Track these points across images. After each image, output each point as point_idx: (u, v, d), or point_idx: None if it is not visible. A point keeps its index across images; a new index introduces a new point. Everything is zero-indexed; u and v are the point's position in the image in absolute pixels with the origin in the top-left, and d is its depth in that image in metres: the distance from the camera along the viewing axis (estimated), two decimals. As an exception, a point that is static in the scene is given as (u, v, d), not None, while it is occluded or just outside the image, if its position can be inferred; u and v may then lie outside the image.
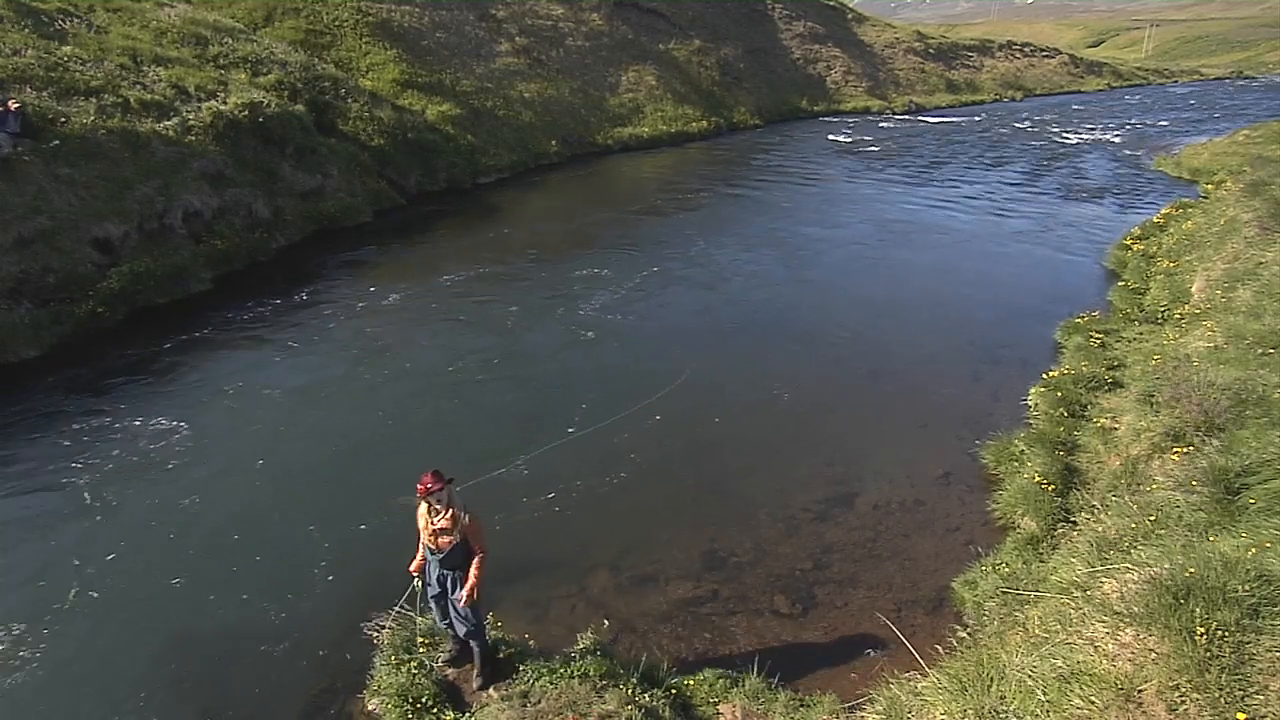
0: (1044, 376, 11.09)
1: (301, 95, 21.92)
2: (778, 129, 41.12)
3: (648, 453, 9.51)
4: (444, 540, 5.64)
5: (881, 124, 44.49)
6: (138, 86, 17.78)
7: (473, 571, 5.67)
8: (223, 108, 18.37)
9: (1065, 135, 39.77)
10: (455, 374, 11.79)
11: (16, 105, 14.25)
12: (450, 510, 5.60)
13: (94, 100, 16.28)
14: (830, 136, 38.24)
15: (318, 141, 20.62)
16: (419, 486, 5.51)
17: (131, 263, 14.28)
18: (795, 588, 7.27)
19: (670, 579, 7.34)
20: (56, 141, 14.64)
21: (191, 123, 17.50)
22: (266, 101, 19.64)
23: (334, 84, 23.70)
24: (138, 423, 10.21)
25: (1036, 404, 10.55)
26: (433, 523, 5.65)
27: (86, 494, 8.66)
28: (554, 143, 29.94)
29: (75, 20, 19.27)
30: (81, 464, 9.24)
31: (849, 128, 42.00)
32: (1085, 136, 39.28)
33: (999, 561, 7.44)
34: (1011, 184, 26.91)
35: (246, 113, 18.66)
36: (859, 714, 5.45)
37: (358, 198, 20.61)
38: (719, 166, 30.66)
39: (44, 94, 15.64)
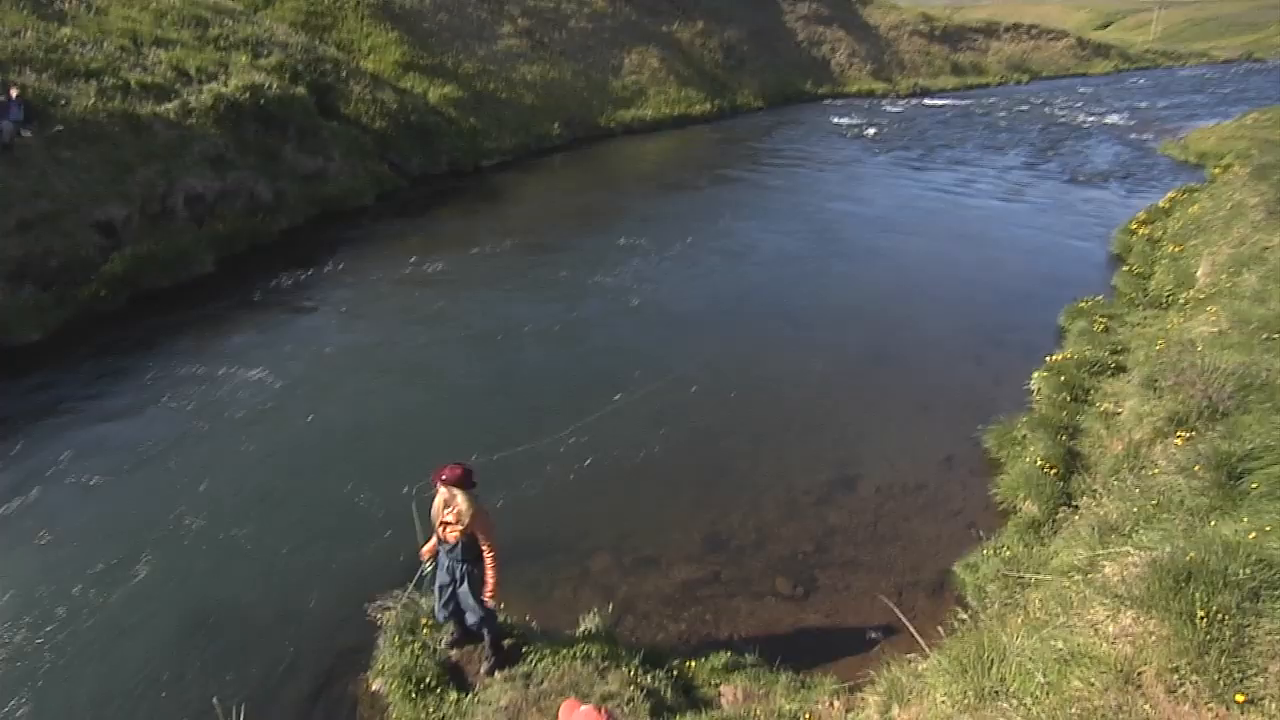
0: (1046, 361, 11.08)
1: (303, 77, 21.78)
2: (781, 112, 40.83)
3: (648, 435, 9.53)
4: (451, 535, 5.66)
5: (886, 107, 44.15)
6: (138, 69, 17.67)
7: (489, 575, 5.65)
8: (224, 90, 18.26)
9: (1071, 118, 39.44)
10: (462, 349, 11.92)
11: (18, 93, 14.17)
12: (458, 507, 5.61)
13: (94, 83, 16.18)
14: (834, 119, 37.96)
15: (319, 124, 20.53)
16: (435, 475, 5.52)
17: (134, 246, 14.27)
18: (797, 570, 7.31)
19: (672, 561, 7.39)
20: (59, 127, 14.58)
21: (192, 105, 17.41)
22: (268, 84, 19.53)
23: (335, 66, 23.56)
24: (145, 401, 10.30)
25: (1039, 388, 10.54)
26: (444, 515, 5.67)
27: (96, 474, 8.73)
28: (556, 125, 29.76)
29: (74, 1, 19.13)
30: (86, 443, 9.29)
31: (853, 111, 41.69)
32: (1091, 120, 38.96)
33: (1000, 545, 7.47)
34: (1016, 168, 26.74)
35: (248, 95, 18.56)
36: (859, 695, 5.49)
37: (360, 181, 20.53)
38: (722, 150, 30.50)
39: (44, 76, 15.56)
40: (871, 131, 34.21)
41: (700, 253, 16.81)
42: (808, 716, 5.39)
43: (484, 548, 5.65)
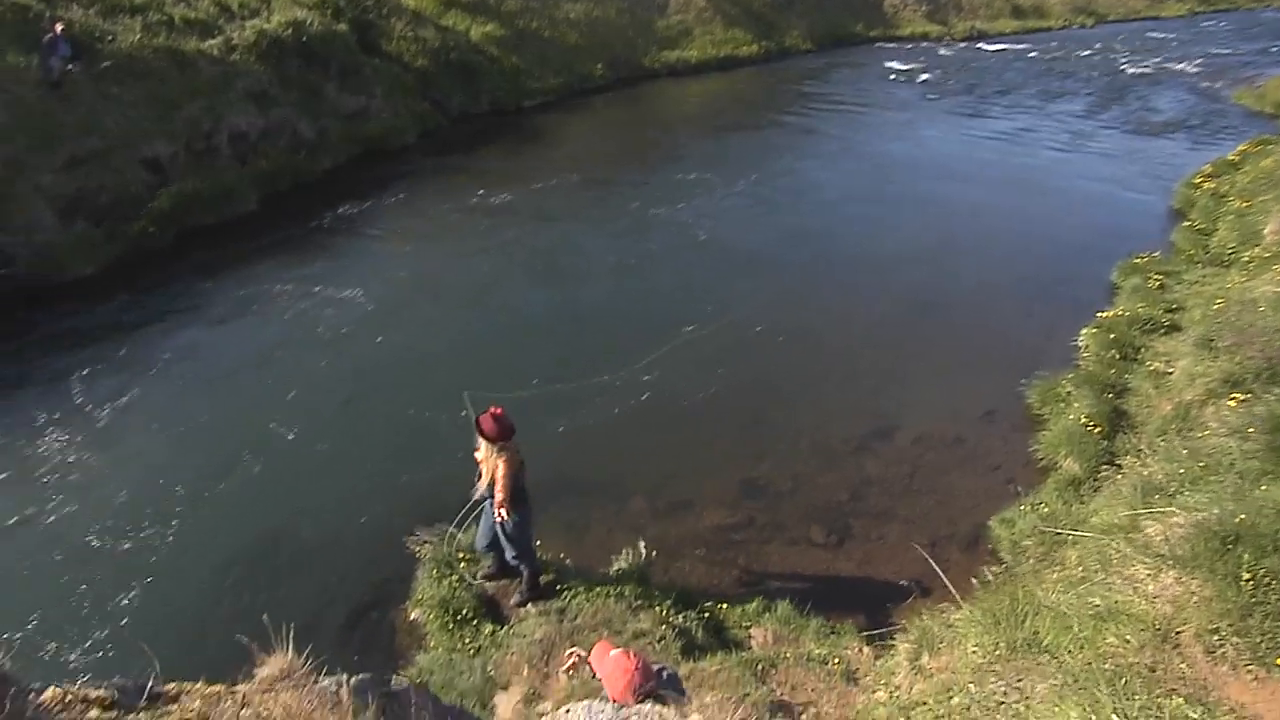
0: (1097, 317, 10.76)
1: (344, 14, 21.52)
2: (831, 54, 39.38)
3: (692, 380, 9.54)
4: (482, 478, 5.77)
5: (940, 51, 42.31)
6: (182, 3, 17.62)
7: (495, 506, 5.75)
8: (266, 26, 18.16)
9: (1138, 65, 37.41)
10: (486, 295, 12.01)
11: (64, 28, 14.24)
12: (483, 451, 5.67)
13: (139, 18, 16.18)
14: (886, 63, 36.54)
15: (361, 61, 20.38)
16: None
17: (180, 183, 14.46)
18: (831, 518, 7.33)
19: (707, 505, 7.46)
20: (106, 63, 14.69)
21: (235, 41, 17.37)
22: (310, 20, 19.35)
23: (376, 3, 23.21)
24: (211, 326, 10.77)
25: (1087, 345, 10.28)
26: (476, 457, 5.78)
27: (156, 403, 9.11)
28: (600, 66, 29.09)
29: (118, -65, 19.03)
30: (144, 375, 9.65)
31: (906, 54, 40.04)
32: (1160, 67, 36.90)
33: (1038, 501, 7.39)
34: (1076, 116, 25.56)
35: (290, 31, 18.44)
36: (889, 642, 5.54)
37: (401, 119, 20.41)
38: (770, 93, 29.64)
39: (90, 11, 15.61)
40: (926, 76, 32.88)
41: (750, 196, 16.51)
42: (837, 661, 5.46)
43: (497, 489, 5.70)
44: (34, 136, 12.88)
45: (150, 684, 2.31)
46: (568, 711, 1.66)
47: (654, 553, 6.72)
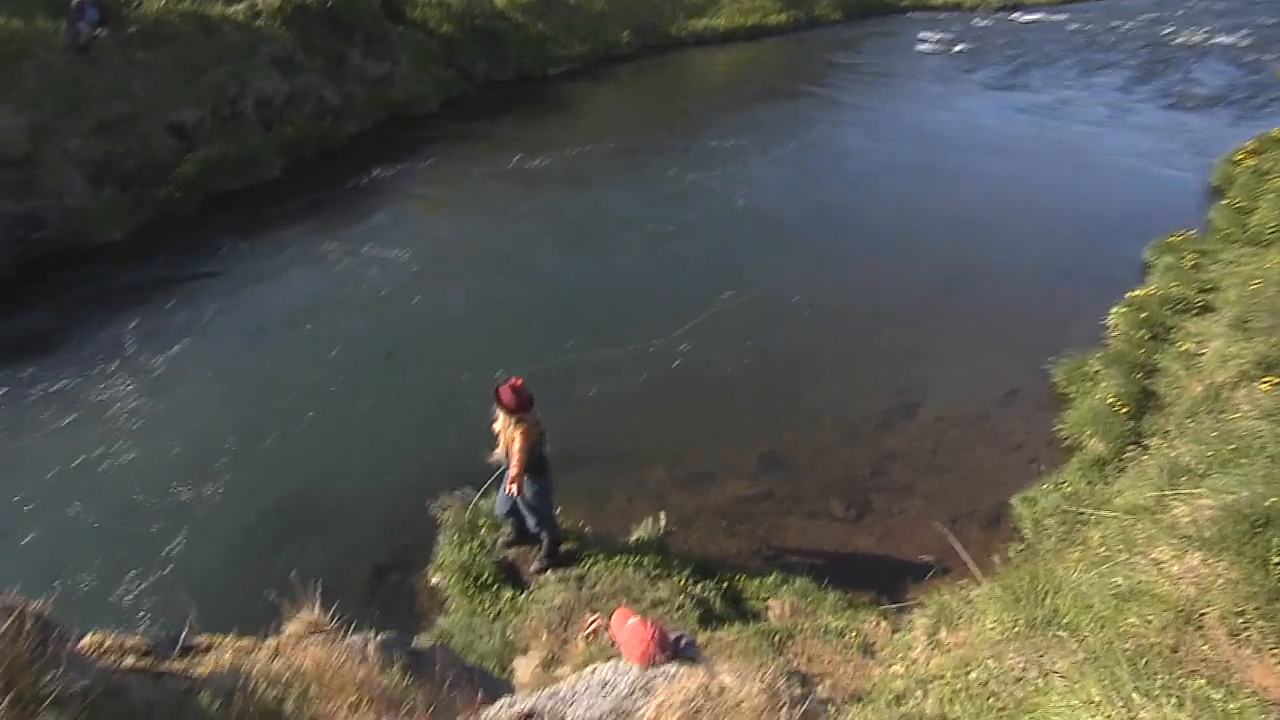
0: (1127, 296, 10.55)
1: (369, -21, 21.36)
2: (861, 24, 38.52)
3: (717, 351, 9.53)
4: (498, 446, 5.80)
5: (975, 21, 41.19)
6: (208, -32, 17.57)
7: (509, 478, 5.79)
8: (290, -10, 18.08)
9: (1181, 36, 36.21)
10: (520, 260, 12.06)
11: (89, -9, 14.25)
12: (501, 421, 5.69)
13: (165, -19, 16.19)
14: (918, 34, 35.69)
15: (386, 28, 20.26)
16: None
17: (206, 148, 14.54)
18: (851, 493, 7.32)
19: (727, 477, 7.48)
20: (134, 28, 14.71)
21: (260, 7, 17.32)
22: (334, -15, 19.23)
23: (401, -33, 23.01)
24: (242, 291, 11.02)
25: (1116, 324, 10.09)
26: (494, 428, 5.81)
27: (195, 361, 9.38)
28: (626, 33, 28.70)
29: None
30: (191, 329, 10.04)
31: (939, 24, 39.06)
32: (1204, 38, 35.69)
33: (1061, 480, 7.32)
34: (1113, 90, 24.86)
35: (314, -4, 18.36)
36: (907, 616, 5.54)
37: (426, 86, 20.33)
38: (798, 64, 29.10)
39: (117, -26, 15.61)
40: (960, 47, 32.11)
41: (780, 168, 16.36)
42: (854, 634, 5.48)
43: (512, 462, 5.73)
44: (62, 101, 12.98)
45: (184, 635, 2.37)
46: (594, 670, 1.68)
47: (673, 523, 6.76)
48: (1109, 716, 3.37)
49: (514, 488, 5.72)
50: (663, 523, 6.61)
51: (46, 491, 7.32)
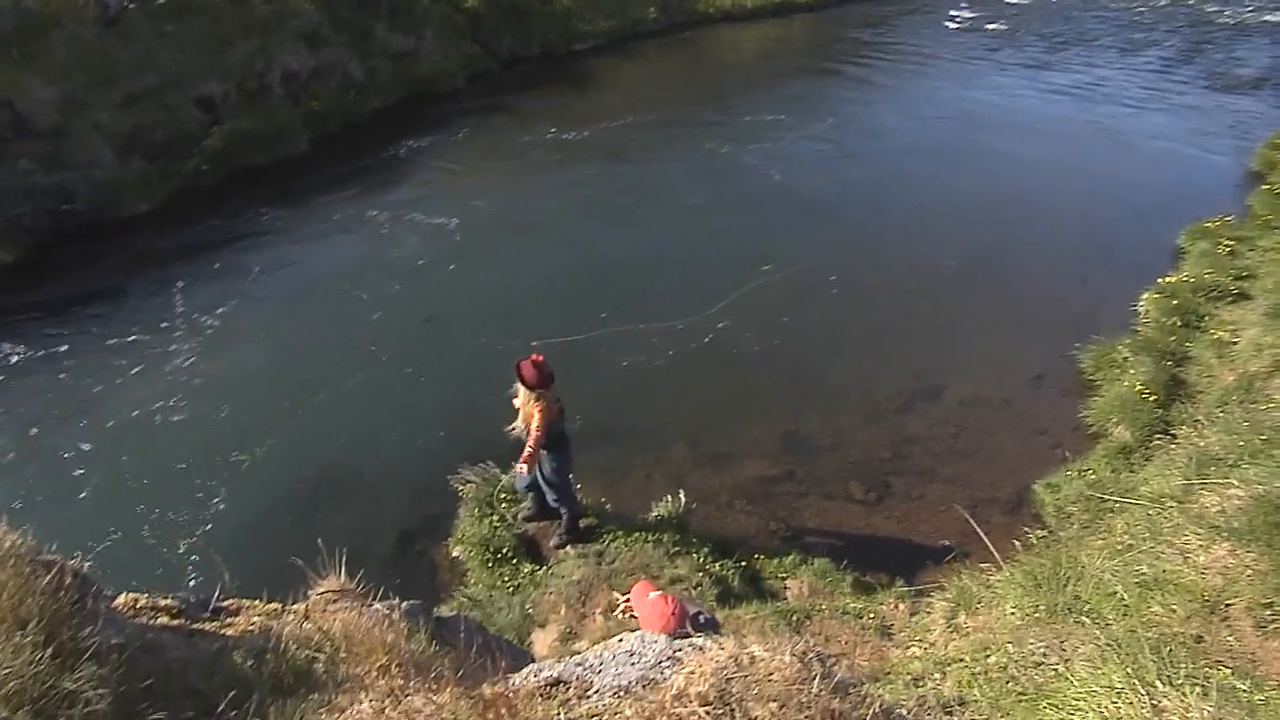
0: (1160, 281, 10.35)
1: (395, -48, 21.25)
2: (891, 1, 37.77)
3: (738, 330, 9.50)
4: (519, 424, 5.82)
5: (1009, -2, 40.22)
6: (235, -61, 17.57)
7: (524, 454, 5.74)
8: (317, -36, 18.03)
9: (1225, 14, 35.14)
10: (553, 234, 12.19)
11: (119, -38, 14.32)
12: (521, 397, 5.70)
13: (194, -47, 16.21)
14: (952, 11, 34.93)
15: (412, 2, 20.19)
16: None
17: (232, 122, 14.62)
18: (872, 475, 7.29)
19: (747, 457, 7.48)
20: (162, 0, 14.76)
21: (287, -22, 17.31)
22: (360, -42, 19.16)
23: (427, -59, 22.87)
24: (284, 256, 11.36)
25: (1147, 310, 9.92)
26: (514, 404, 5.82)
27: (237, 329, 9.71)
28: (652, 9, 28.36)
29: None
30: (237, 291, 10.35)
31: (971, 2, 38.20)
32: (1249, 16, 34.62)
33: (1086, 467, 7.25)
34: (1152, 70, 24.21)
35: (341, -30, 18.30)
36: (926, 600, 5.53)
37: (451, 62, 20.26)
38: (829, 42, 28.61)
39: (147, -54, 15.65)
40: (992, 26, 31.41)
41: (808, 147, 16.13)
42: (872, 616, 5.48)
43: (530, 438, 5.70)
44: (92, 74, 13.10)
45: (215, 598, 2.41)
46: (620, 640, 1.70)
47: (693, 501, 6.78)
48: (1131, 704, 3.34)
49: (524, 467, 5.70)
50: (682, 501, 6.63)
51: (105, 443, 7.69)
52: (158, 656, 1.83)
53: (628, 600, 4.52)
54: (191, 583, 6.00)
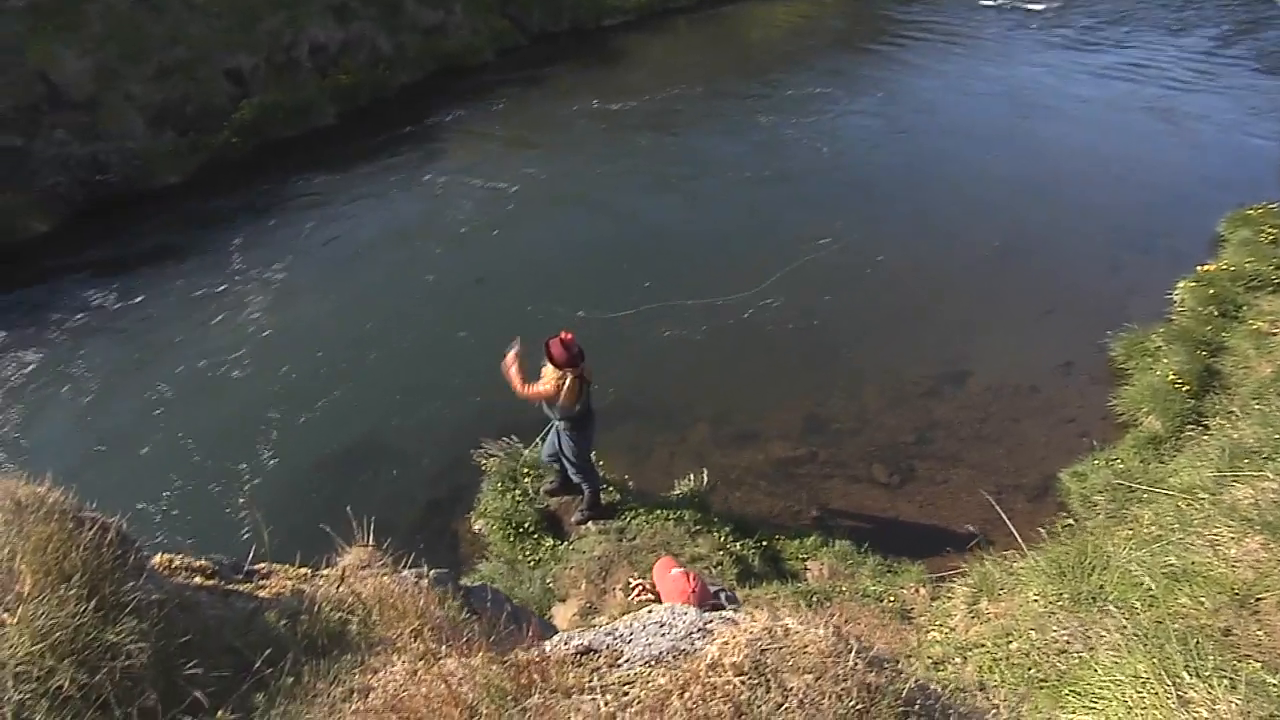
0: (1197, 270, 10.12)
1: (424, -76, 21.11)
2: (927, -22, 36.88)
3: (758, 314, 9.43)
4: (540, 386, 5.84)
5: (1047, -25, 39.14)
6: (266, -90, 17.55)
7: (513, 384, 5.74)
8: (346, -64, 17.97)
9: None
10: (595, 206, 12.26)
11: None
12: (547, 372, 5.72)
13: (225, -75, 16.22)
14: (987, -12, 34.09)
15: (440, -26, 20.08)
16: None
17: (261, 95, 14.69)
18: (895, 459, 7.25)
19: (770, 438, 7.46)
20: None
21: (317, -49, 17.27)
22: (389, -70, 19.07)
23: (456, -88, 22.70)
24: (328, 223, 11.56)
25: (1183, 299, 9.71)
26: (543, 374, 5.84)
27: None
28: (682, -16, 27.95)
29: None
30: (290, 253, 10.63)
31: (1009, -21, 37.19)
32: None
33: (1114, 457, 7.16)
34: (1198, 52, 23.44)
35: (369, -59, 18.22)
36: (947, 584, 5.50)
37: (480, 37, 20.16)
38: (862, 20, 28.00)
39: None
40: (1035, 6, 30.64)
41: (848, 122, 15.98)
42: (892, 599, 5.47)
43: (527, 387, 5.72)
44: (125, 46, 13.21)
45: (247, 561, 2.46)
46: (650, 611, 1.71)
47: (715, 480, 6.79)
48: (1156, 694, 3.31)
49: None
50: (705, 479, 6.64)
51: (160, 398, 8.04)
52: (195, 614, 1.87)
53: (640, 584, 4.56)
54: (227, 544, 6.14)
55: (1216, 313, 9.24)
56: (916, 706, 1.31)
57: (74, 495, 1.86)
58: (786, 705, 1.23)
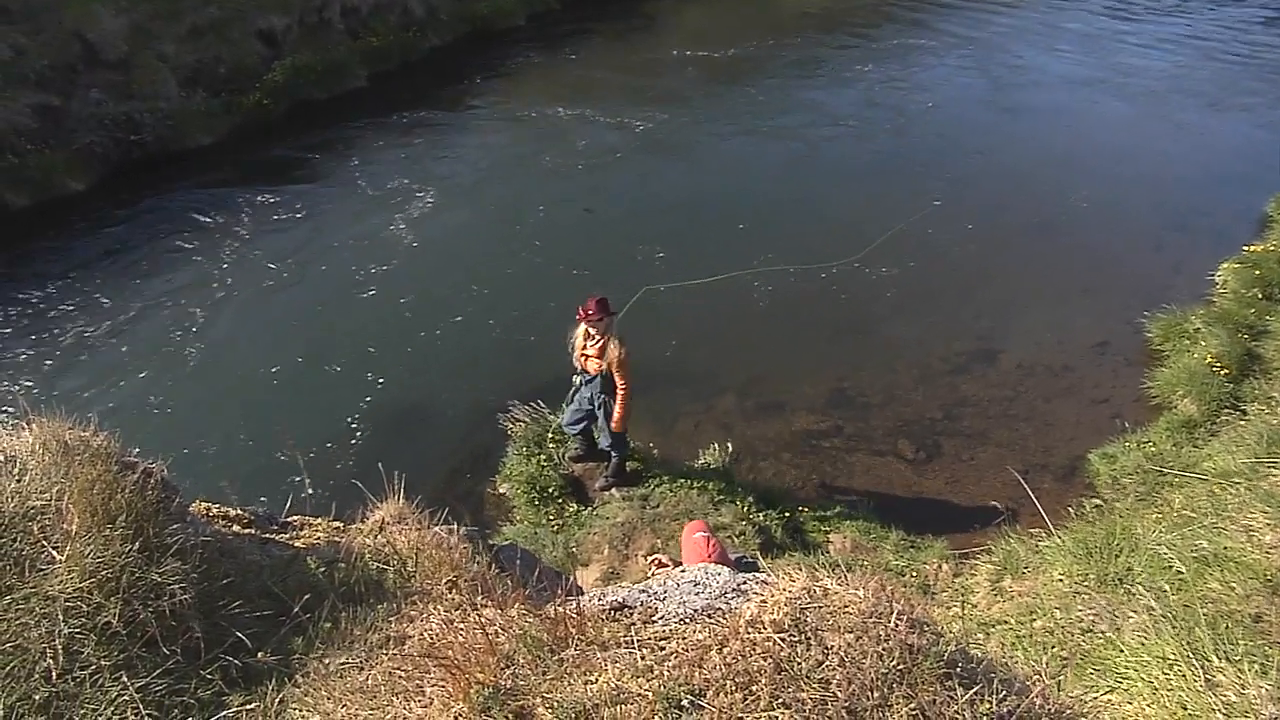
0: (1242, 251, 9.84)
1: (457, -116, 20.78)
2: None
3: (787, 287, 9.30)
4: (593, 367, 5.83)
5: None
6: None
7: (618, 406, 5.85)
8: (379, -106, 17.76)
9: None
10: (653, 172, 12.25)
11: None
12: (603, 340, 5.72)
13: (257, -118, 16.10)
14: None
15: (472, -65, 19.79)
16: (580, 310, 5.64)
17: (293, 56, 14.67)
18: (921, 435, 7.19)
19: (796, 410, 7.43)
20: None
21: (349, -91, 17.11)
22: (421, -111, 18.80)
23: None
24: (367, 182, 11.78)
25: (1225, 280, 9.47)
26: (585, 349, 5.83)
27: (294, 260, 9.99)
28: (716, -50, 27.29)
29: None
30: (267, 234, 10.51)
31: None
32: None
33: (1145, 439, 7.04)
34: (1257, 22, 22.47)
35: (402, -99, 18.00)
36: (971, 562, 5.48)
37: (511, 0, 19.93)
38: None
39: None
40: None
41: (879, 99, 15.63)
42: (915, 574, 5.46)
43: (619, 380, 5.79)
44: (158, 4, 13.23)
45: (283, 513, 2.50)
46: (684, 571, 1.71)
47: (740, 451, 6.79)
48: (1184, 675, 3.28)
49: (619, 412, 5.88)
50: (729, 450, 6.64)
51: (205, 355, 8.19)
52: (235, 559, 1.91)
53: (656, 558, 4.59)
54: (263, 497, 6.27)
55: (1261, 295, 9.01)
56: (958, 669, 1.31)
57: (118, 440, 1.90)
58: (827, 663, 1.23)
